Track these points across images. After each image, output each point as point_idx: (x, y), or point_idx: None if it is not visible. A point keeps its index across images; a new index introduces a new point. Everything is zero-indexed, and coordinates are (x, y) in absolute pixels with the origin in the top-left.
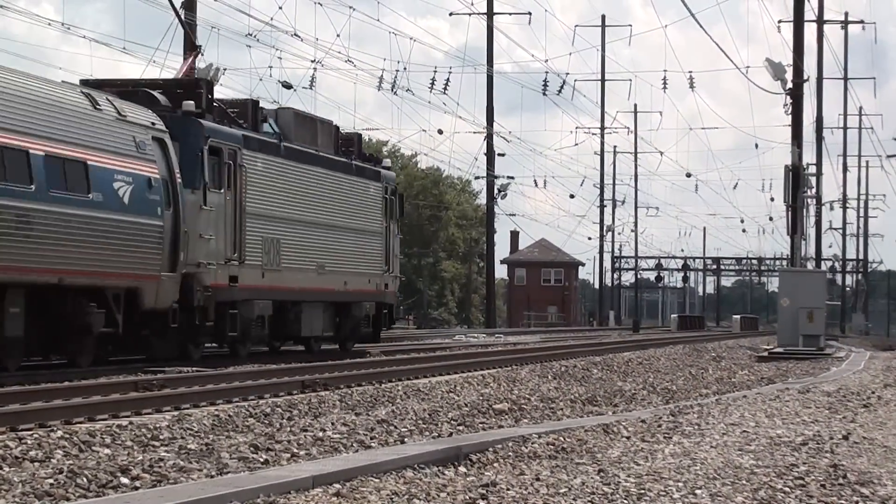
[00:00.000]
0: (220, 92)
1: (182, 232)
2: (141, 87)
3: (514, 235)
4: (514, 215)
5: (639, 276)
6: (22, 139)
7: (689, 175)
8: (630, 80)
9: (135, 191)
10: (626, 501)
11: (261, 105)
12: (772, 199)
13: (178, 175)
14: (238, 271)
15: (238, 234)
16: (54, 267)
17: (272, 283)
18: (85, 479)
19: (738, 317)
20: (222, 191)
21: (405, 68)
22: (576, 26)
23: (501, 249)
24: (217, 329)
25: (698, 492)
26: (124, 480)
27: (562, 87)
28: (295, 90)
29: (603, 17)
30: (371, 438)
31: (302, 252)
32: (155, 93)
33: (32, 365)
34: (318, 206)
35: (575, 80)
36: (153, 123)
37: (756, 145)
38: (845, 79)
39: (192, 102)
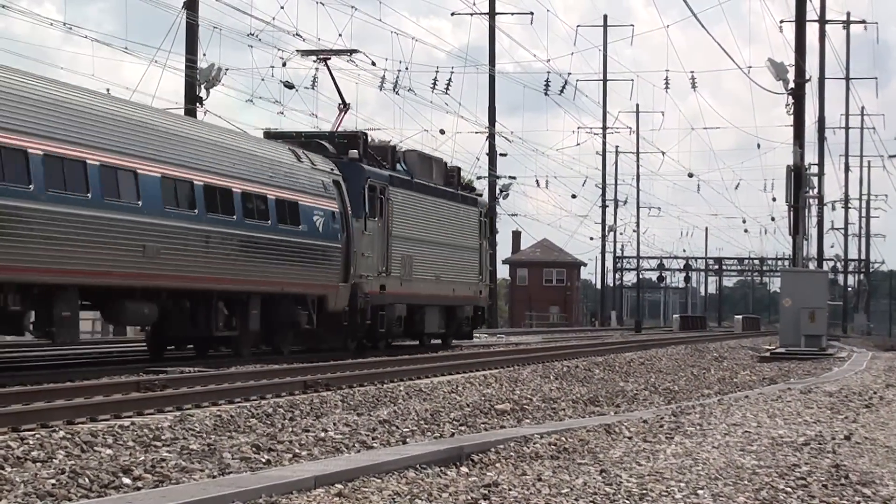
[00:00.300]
0: (221, 91)
1: (352, 252)
2: (312, 138)
3: (516, 235)
4: (516, 215)
5: (641, 277)
6: (264, 188)
7: (690, 175)
8: (632, 80)
9: (325, 222)
10: (628, 502)
11: (396, 147)
12: (773, 200)
13: (349, 208)
14: (385, 281)
15: (386, 253)
16: (280, 279)
17: (407, 291)
18: (87, 480)
19: (740, 317)
20: (376, 219)
21: (407, 68)
22: (578, 26)
23: (503, 249)
24: (371, 326)
25: (700, 492)
26: (126, 481)
27: (564, 87)
28: (297, 90)
29: (605, 17)
30: (373, 439)
31: (426, 266)
32: (324, 143)
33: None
34: (436, 228)
35: (577, 80)
36: (332, 169)
37: (758, 145)
38: (847, 79)
39: (355, 151)
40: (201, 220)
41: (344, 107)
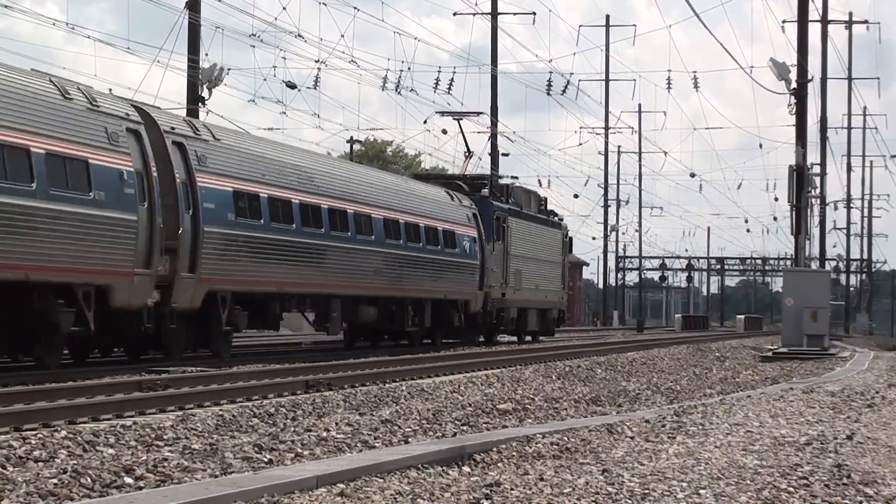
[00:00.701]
0: (223, 91)
1: (485, 268)
2: (452, 179)
3: None
4: None
5: (643, 276)
6: (436, 222)
7: (693, 175)
8: (634, 80)
9: (469, 245)
10: (630, 501)
11: (509, 185)
12: (776, 199)
13: (483, 234)
14: (505, 290)
15: (505, 268)
16: (445, 289)
17: (518, 297)
18: (89, 479)
19: (742, 317)
20: (500, 242)
21: (409, 68)
22: (580, 26)
23: None
24: (495, 325)
25: (702, 492)
26: (128, 480)
27: (566, 87)
28: (299, 90)
29: (607, 17)
30: (375, 438)
31: (529, 278)
32: (461, 183)
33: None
34: (536, 248)
35: (579, 80)
36: (471, 205)
37: (760, 145)
38: (849, 79)
39: (486, 190)
40: (403, 248)
41: (469, 154)
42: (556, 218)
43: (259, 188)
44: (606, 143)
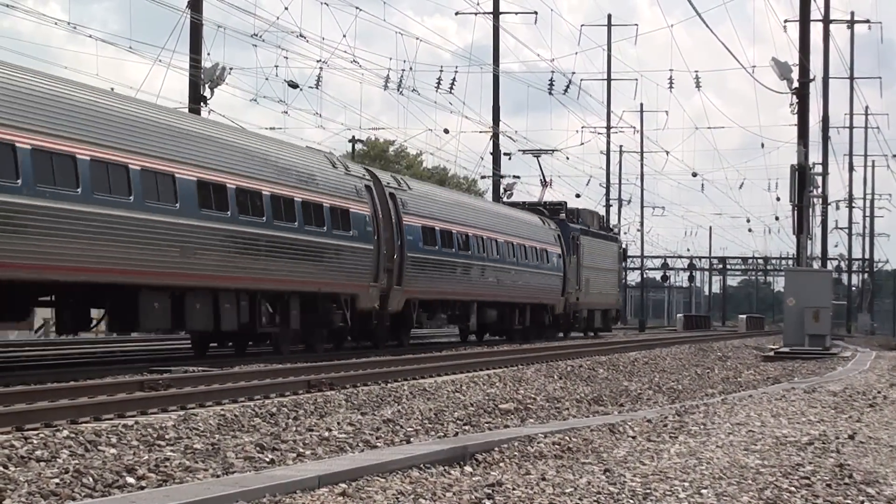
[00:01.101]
0: (226, 91)
1: (566, 277)
2: (534, 206)
3: None
4: None
5: (645, 276)
6: (536, 243)
7: (695, 174)
8: (636, 79)
9: (557, 260)
10: (631, 501)
11: (578, 209)
12: (778, 199)
13: (564, 250)
14: (578, 295)
15: (578, 277)
16: (540, 296)
17: (587, 301)
18: (91, 479)
19: (744, 316)
20: (574, 256)
21: (411, 68)
22: (582, 25)
23: None
24: (571, 323)
25: (704, 491)
26: (130, 480)
27: (568, 86)
28: (301, 90)
29: (609, 16)
30: (377, 438)
31: (594, 284)
32: (542, 209)
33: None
34: (599, 259)
35: (581, 80)
36: (556, 227)
37: (762, 145)
38: (851, 78)
39: (563, 214)
40: (516, 265)
41: (546, 183)
42: (612, 233)
43: (435, 223)
44: (608, 143)
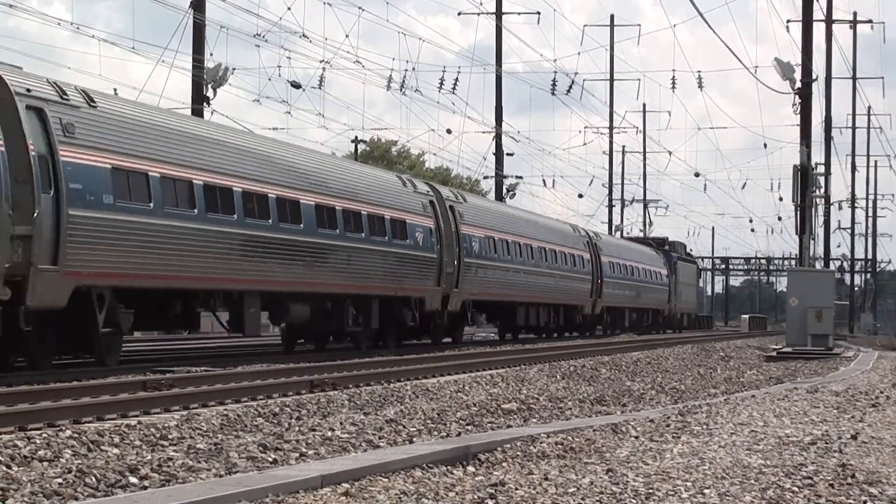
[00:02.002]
0: (228, 91)
1: (671, 291)
2: (646, 240)
3: None
4: None
5: None
6: (654, 267)
7: (697, 175)
8: (639, 79)
9: (666, 279)
10: (634, 501)
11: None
12: (780, 199)
13: (669, 271)
14: (675, 303)
15: (676, 290)
16: (655, 304)
17: (680, 307)
18: (94, 479)
19: (747, 316)
20: (673, 276)
21: (414, 68)
22: (585, 26)
23: None
24: (670, 322)
25: (707, 491)
26: (133, 480)
27: (571, 86)
28: (304, 90)
29: (612, 16)
30: (379, 438)
31: (684, 295)
32: (652, 241)
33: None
34: (686, 277)
35: (584, 80)
36: (663, 256)
37: (765, 145)
38: (854, 78)
39: (668, 248)
40: (644, 282)
41: (650, 224)
42: (692, 258)
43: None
44: (611, 143)
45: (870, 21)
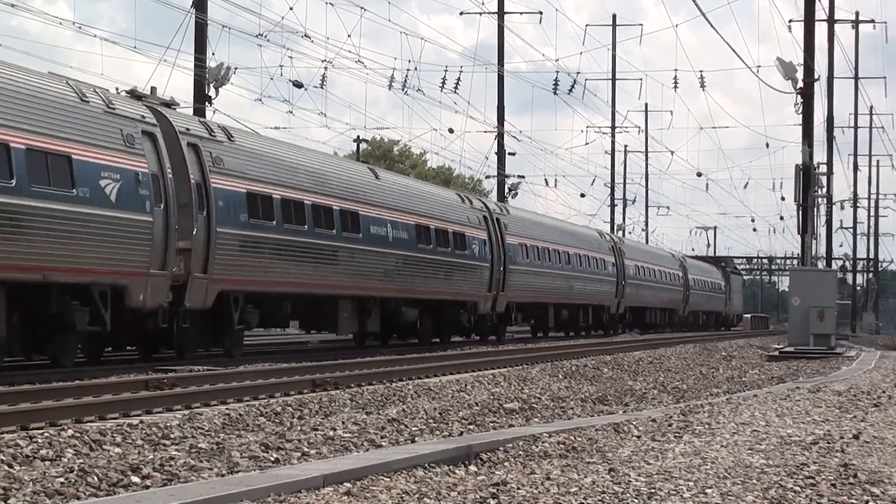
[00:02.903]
0: (230, 90)
1: (727, 298)
2: (708, 258)
3: None
4: None
5: None
6: (717, 281)
7: (699, 174)
8: (641, 79)
9: (723, 289)
10: (636, 500)
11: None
12: (782, 199)
13: (726, 283)
14: (730, 307)
15: (731, 297)
16: (714, 308)
17: (733, 310)
18: (95, 478)
19: (749, 316)
20: (728, 286)
21: (416, 68)
22: (587, 25)
23: None
24: (727, 322)
25: (709, 491)
26: (135, 479)
27: (573, 86)
28: (306, 89)
29: (614, 16)
30: (381, 437)
31: (734, 301)
32: (710, 259)
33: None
34: (735, 287)
35: (586, 80)
36: (721, 272)
37: (767, 145)
38: (856, 78)
39: (723, 264)
40: (712, 291)
41: (709, 247)
42: (739, 271)
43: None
44: (613, 143)
45: (872, 21)
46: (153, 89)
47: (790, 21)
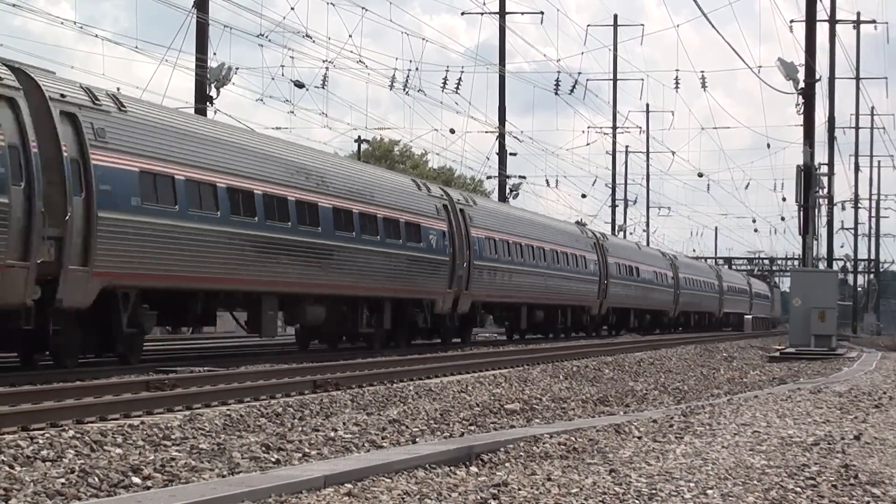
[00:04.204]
0: (232, 90)
1: (750, 301)
2: (758, 275)
3: None
4: None
5: None
6: (762, 287)
7: (701, 175)
8: (642, 79)
9: (768, 296)
10: (637, 501)
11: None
12: (784, 199)
13: (771, 296)
14: (773, 312)
15: (774, 303)
16: (739, 310)
17: (775, 316)
18: (96, 479)
19: (750, 317)
20: (771, 294)
21: (417, 68)
22: (588, 25)
23: None
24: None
25: (710, 492)
26: (136, 480)
27: (574, 86)
28: (307, 90)
29: (615, 16)
30: (382, 438)
31: (759, 306)
32: (760, 275)
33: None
34: (761, 291)
35: (587, 80)
36: (766, 284)
37: (768, 145)
38: (857, 78)
39: (766, 277)
40: (759, 300)
41: (762, 275)
42: (766, 277)
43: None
44: (614, 143)
45: (873, 21)
46: None
47: (791, 21)
